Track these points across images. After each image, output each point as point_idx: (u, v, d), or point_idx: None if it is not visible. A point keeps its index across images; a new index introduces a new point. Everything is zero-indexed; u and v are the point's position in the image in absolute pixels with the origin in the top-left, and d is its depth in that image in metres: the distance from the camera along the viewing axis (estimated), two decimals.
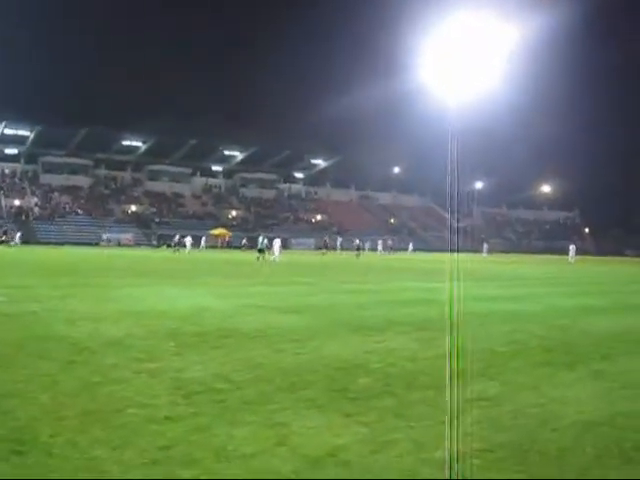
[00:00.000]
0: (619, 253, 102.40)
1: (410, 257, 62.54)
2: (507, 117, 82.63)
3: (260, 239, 42.82)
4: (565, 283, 26.11)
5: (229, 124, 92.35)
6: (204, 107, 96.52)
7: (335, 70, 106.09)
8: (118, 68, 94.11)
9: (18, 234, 64.97)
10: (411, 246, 79.45)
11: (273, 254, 41.33)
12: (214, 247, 74.29)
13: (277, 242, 42.10)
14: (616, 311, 15.09)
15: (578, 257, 61.37)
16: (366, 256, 60.38)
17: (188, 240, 60.47)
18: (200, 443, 4.93)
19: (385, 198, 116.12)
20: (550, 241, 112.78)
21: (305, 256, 57.57)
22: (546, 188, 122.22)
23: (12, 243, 61.73)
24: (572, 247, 60.52)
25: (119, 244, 74.83)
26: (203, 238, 66.74)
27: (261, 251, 41.06)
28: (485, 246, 77.42)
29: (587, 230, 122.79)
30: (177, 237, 61.72)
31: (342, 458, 4.67)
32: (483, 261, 52.78)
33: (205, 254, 56.83)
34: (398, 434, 5.25)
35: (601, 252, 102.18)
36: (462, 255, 71.23)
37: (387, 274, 30.74)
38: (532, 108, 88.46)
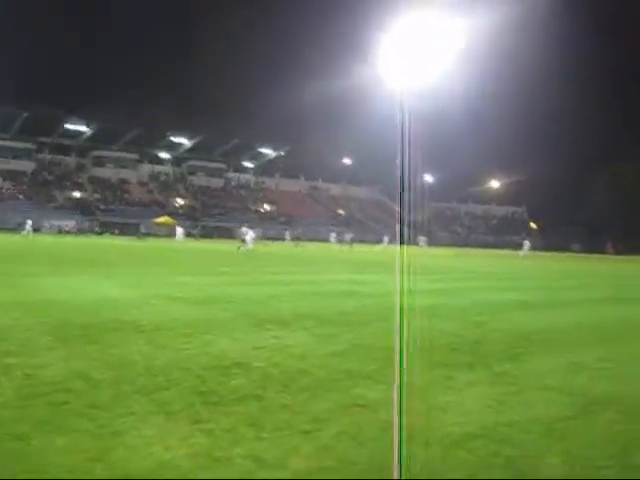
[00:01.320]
0: (566, 248, 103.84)
1: (366, 250, 62.00)
2: (459, 112, 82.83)
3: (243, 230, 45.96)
4: (500, 278, 25.81)
5: (178, 111, 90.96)
6: (153, 93, 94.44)
7: (287, 59, 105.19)
8: (64, 49, 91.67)
9: None
10: (386, 239, 78.83)
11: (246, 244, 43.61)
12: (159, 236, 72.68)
13: (250, 232, 44.89)
14: (541, 307, 14.64)
15: (529, 252, 61.62)
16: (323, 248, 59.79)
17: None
18: (10, 454, 4.24)
19: (335, 189, 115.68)
20: (498, 236, 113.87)
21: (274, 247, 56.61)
22: (495, 183, 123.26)
23: None
24: (526, 243, 60.87)
25: (60, 231, 72.77)
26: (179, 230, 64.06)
27: (243, 241, 43.69)
28: (423, 239, 77.01)
29: (535, 225, 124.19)
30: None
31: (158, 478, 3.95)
32: (425, 254, 52.44)
33: (158, 242, 55.53)
34: (240, 448, 4.56)
35: (548, 247, 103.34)
36: (410, 248, 71.16)
37: (326, 265, 30.17)
38: (483, 104, 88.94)
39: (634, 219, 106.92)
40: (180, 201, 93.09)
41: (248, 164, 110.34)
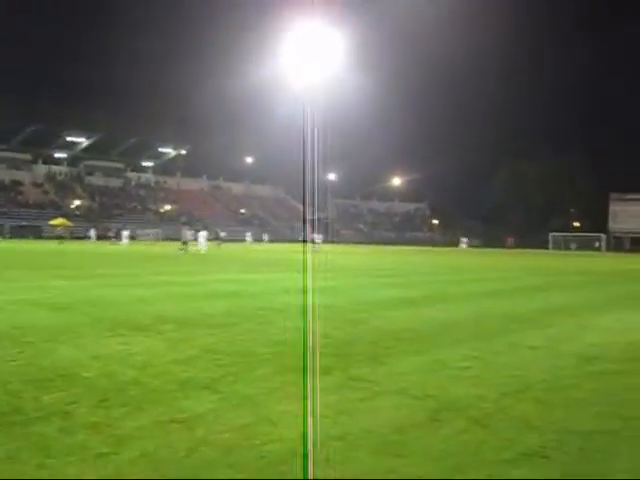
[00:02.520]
0: (454, 243, 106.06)
1: (261, 248, 61.28)
2: (362, 111, 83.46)
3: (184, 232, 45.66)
4: (392, 274, 25.60)
5: (72, 108, 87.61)
6: (44, 89, 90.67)
7: (187, 57, 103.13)
8: None
9: None
10: (266, 237, 78.54)
11: (199, 245, 44.36)
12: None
13: (202, 234, 45.80)
14: (423, 303, 14.30)
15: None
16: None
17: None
18: None
19: (237, 188, 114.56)
20: (401, 232, 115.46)
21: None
22: (397, 180, 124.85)
23: None
24: (463, 240, 61.78)
25: None
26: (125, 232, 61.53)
27: (185, 243, 43.27)
28: (316, 236, 76.94)
29: (435, 221, 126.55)
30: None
31: None
32: (324, 252, 52.16)
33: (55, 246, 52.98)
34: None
35: (448, 242, 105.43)
36: (309, 245, 70.98)
37: (221, 265, 29.32)
38: (385, 102, 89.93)
39: (531, 214, 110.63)
40: (77, 202, 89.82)
41: (148, 163, 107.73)
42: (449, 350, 8.41)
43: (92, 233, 69.31)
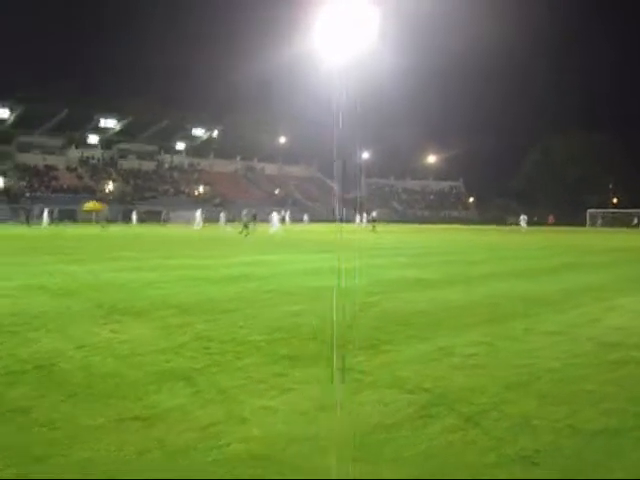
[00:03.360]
0: (501, 221, 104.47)
1: (303, 228, 60.69)
2: (397, 89, 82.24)
3: (244, 214, 43.43)
4: (416, 254, 24.91)
5: (104, 92, 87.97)
6: (76, 73, 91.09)
7: (217, 38, 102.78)
8: None
9: None
10: (306, 217, 77.98)
11: (272, 226, 44.29)
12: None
13: (275, 215, 46.03)
14: (440, 284, 13.70)
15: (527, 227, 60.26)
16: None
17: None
18: None
19: (271, 169, 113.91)
20: (435, 211, 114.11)
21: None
22: (432, 158, 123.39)
23: None
24: (523, 217, 59.48)
25: None
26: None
27: (246, 226, 41.06)
28: (359, 216, 75.63)
29: (471, 199, 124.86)
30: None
31: None
32: (354, 231, 51.50)
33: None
34: None
35: (484, 220, 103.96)
36: (347, 225, 70.53)
37: (247, 247, 28.89)
38: (419, 80, 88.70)
39: (568, 191, 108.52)
40: (111, 185, 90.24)
41: (181, 146, 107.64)
42: (459, 335, 7.87)
43: (133, 216, 68.81)
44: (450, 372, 6.06)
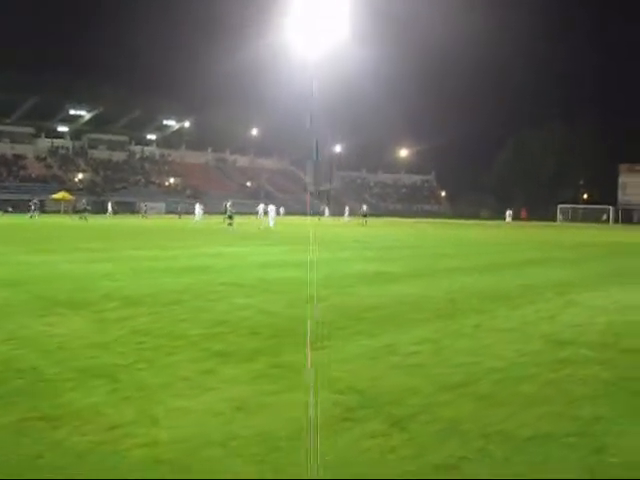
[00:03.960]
0: (474, 215, 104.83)
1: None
2: (368, 82, 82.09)
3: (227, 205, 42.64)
4: (379, 247, 24.68)
5: (74, 81, 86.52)
6: (46, 61, 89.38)
7: (189, 26, 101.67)
8: None
9: None
10: (282, 210, 77.15)
11: (268, 220, 40.88)
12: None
13: (272, 208, 42.15)
14: (402, 278, 13.47)
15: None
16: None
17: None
18: None
19: (243, 161, 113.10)
20: (408, 204, 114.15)
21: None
22: (404, 152, 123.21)
23: None
24: (509, 212, 59.81)
25: None
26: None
27: (230, 217, 40.76)
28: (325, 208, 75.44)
29: (443, 193, 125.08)
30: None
31: None
32: (323, 225, 51.22)
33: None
34: None
35: (457, 215, 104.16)
36: (324, 219, 70.14)
37: (209, 238, 28.43)
38: (391, 72, 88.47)
39: (540, 186, 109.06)
40: (80, 176, 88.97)
41: (152, 136, 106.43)
42: (407, 332, 7.58)
43: (108, 207, 67.57)
44: (388, 371, 5.76)
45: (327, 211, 73.67)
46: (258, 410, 4.63)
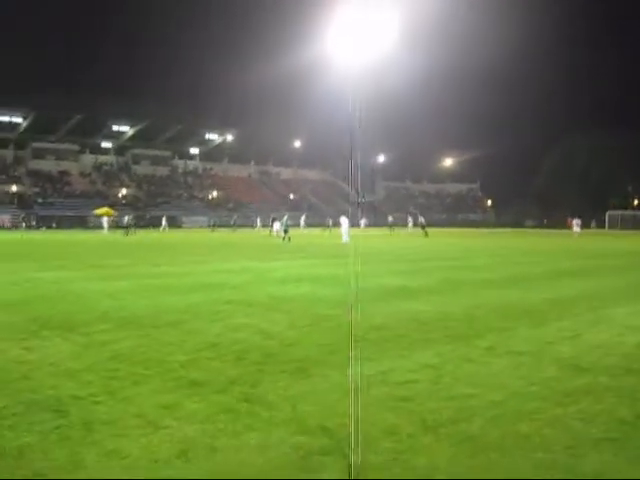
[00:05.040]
0: (519, 224, 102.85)
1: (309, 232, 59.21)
2: (410, 91, 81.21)
3: (285, 219, 39.17)
4: (416, 259, 23.87)
5: (117, 97, 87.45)
6: (88, 79, 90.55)
7: (230, 41, 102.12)
8: None
9: None
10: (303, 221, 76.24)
11: (342, 235, 35.19)
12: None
13: (344, 221, 36.08)
14: (421, 293, 12.71)
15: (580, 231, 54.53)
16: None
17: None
18: None
19: (286, 173, 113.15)
20: (452, 213, 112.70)
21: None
22: (448, 161, 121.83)
23: None
24: (576, 221, 54.44)
25: None
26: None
27: (286, 231, 37.67)
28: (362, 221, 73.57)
29: (489, 202, 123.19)
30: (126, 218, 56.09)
31: None
32: (358, 236, 50.36)
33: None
34: None
35: (502, 223, 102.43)
36: (372, 230, 69.29)
37: (245, 252, 27.95)
38: (434, 82, 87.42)
39: (588, 193, 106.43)
40: (124, 191, 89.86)
41: (195, 150, 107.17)
42: (408, 356, 6.89)
43: (163, 221, 67.27)
44: (369, 406, 5.06)
45: (364, 222, 72.37)
46: (203, 456, 4.01)
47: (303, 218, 58.17)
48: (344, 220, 35.88)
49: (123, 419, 4.75)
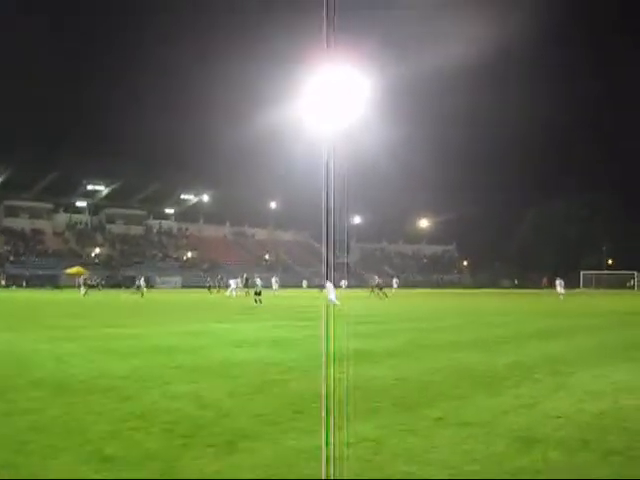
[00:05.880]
0: (496, 284, 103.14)
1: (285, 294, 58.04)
2: (386, 153, 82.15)
3: (257, 281, 37.09)
4: (381, 321, 23.39)
5: (92, 156, 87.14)
6: (63, 137, 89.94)
7: (206, 101, 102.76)
8: None
9: None
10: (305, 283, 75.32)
11: (329, 296, 31.49)
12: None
13: (330, 285, 34.01)
14: (383, 358, 12.19)
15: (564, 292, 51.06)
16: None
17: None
18: None
19: (261, 234, 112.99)
20: (429, 274, 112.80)
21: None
22: (424, 222, 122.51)
23: None
24: (559, 282, 50.37)
25: None
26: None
27: (258, 293, 35.13)
28: (343, 281, 71.98)
29: (465, 263, 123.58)
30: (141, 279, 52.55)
31: None
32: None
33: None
34: None
35: (478, 284, 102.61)
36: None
37: (205, 313, 27.29)
38: (409, 144, 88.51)
39: (564, 253, 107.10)
40: (97, 250, 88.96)
41: (170, 210, 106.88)
42: (349, 426, 6.34)
43: (140, 282, 60.48)
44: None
45: (343, 283, 71.07)
46: None
47: (275, 279, 57.29)
48: (329, 285, 34.47)
49: None
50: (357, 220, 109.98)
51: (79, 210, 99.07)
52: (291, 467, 4.99)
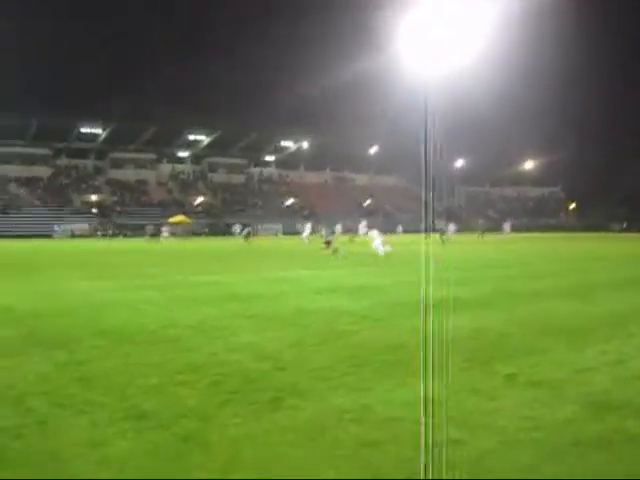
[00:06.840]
0: (604, 228, 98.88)
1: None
2: (487, 92, 79.14)
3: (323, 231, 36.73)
4: (481, 266, 22.54)
5: (192, 106, 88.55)
6: (164, 90, 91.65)
7: (304, 47, 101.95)
8: (71, 50, 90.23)
9: None
10: (400, 228, 74.56)
11: (376, 246, 28.43)
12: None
13: (373, 231, 30.09)
14: (463, 305, 11.57)
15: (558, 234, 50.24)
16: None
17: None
18: None
19: (362, 179, 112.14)
20: (534, 218, 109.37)
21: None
22: (529, 164, 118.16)
23: None
24: None
25: (72, 235, 71.30)
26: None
27: (328, 242, 33.44)
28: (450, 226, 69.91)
29: (572, 205, 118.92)
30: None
31: None
32: (433, 243, 48.60)
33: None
34: None
35: (585, 227, 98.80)
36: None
37: (304, 261, 27.12)
38: (514, 83, 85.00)
39: None
40: (200, 199, 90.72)
41: (270, 158, 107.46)
42: (410, 383, 5.88)
43: (241, 229, 60.14)
44: (328, 450, 4.13)
45: (451, 227, 68.31)
46: None
47: (364, 224, 55.71)
48: (373, 232, 30.15)
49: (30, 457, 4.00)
50: (459, 163, 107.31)
51: (181, 160, 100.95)
52: (325, 431, 4.58)
